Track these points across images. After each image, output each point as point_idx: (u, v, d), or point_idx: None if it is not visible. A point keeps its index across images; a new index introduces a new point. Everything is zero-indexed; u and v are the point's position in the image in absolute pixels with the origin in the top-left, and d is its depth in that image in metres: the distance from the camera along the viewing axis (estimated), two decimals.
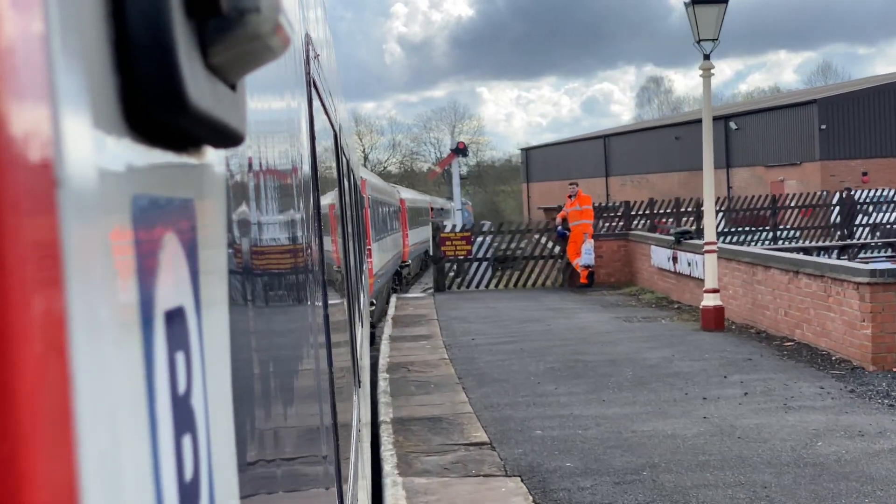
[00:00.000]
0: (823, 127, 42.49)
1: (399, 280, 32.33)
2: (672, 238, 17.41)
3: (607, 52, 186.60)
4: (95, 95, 0.52)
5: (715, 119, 51.45)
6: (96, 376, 0.49)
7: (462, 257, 21.32)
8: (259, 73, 1.05)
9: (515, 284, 21.48)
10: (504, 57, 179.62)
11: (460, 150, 45.38)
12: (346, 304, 4.20)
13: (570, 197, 21.26)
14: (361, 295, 8.23)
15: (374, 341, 15.02)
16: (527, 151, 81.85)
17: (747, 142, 48.37)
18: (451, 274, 21.47)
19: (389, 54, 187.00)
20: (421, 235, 40.97)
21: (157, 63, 0.57)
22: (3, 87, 0.42)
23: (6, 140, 0.42)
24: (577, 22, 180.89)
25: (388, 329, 15.33)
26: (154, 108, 0.58)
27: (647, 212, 27.43)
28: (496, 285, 21.55)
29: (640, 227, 26.46)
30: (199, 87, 0.62)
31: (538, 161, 77.00)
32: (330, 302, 2.72)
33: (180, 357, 0.67)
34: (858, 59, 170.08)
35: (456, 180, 46.32)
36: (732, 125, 49.54)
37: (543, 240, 21.73)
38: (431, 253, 21.15)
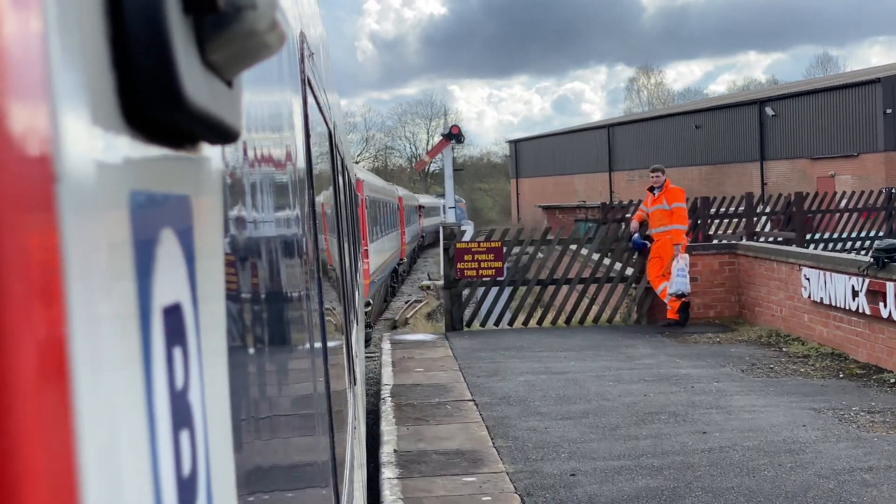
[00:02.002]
0: (889, 111, 35.27)
1: (396, 277, 31.70)
2: (868, 260, 10.25)
3: (579, 52, 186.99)
4: (93, 91, 0.52)
5: (747, 104, 45.69)
6: (95, 371, 0.49)
7: (489, 278, 14.06)
8: (254, 71, 1.06)
9: (569, 321, 14.19)
10: (476, 55, 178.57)
11: (454, 136, 37.80)
12: (341, 301, 4.04)
13: (651, 190, 13.80)
14: (357, 294, 7.46)
15: (368, 343, 13.77)
16: (515, 144, 74.66)
17: (787, 130, 41.13)
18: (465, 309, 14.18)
19: (361, 51, 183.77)
20: (413, 233, 41.30)
21: (154, 59, 0.57)
22: (2, 83, 0.42)
23: (5, 136, 0.42)
24: (550, 21, 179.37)
25: (387, 426, 8.17)
26: (151, 104, 0.58)
27: (735, 209, 20.20)
28: (538, 322, 14.29)
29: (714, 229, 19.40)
30: (196, 84, 0.62)
31: (529, 155, 69.92)
32: (325, 298, 2.68)
33: (178, 353, 0.67)
34: (829, 61, 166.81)
35: (449, 172, 38.46)
36: (769, 111, 42.09)
37: (608, 260, 14.53)
38: (444, 272, 14.05)
